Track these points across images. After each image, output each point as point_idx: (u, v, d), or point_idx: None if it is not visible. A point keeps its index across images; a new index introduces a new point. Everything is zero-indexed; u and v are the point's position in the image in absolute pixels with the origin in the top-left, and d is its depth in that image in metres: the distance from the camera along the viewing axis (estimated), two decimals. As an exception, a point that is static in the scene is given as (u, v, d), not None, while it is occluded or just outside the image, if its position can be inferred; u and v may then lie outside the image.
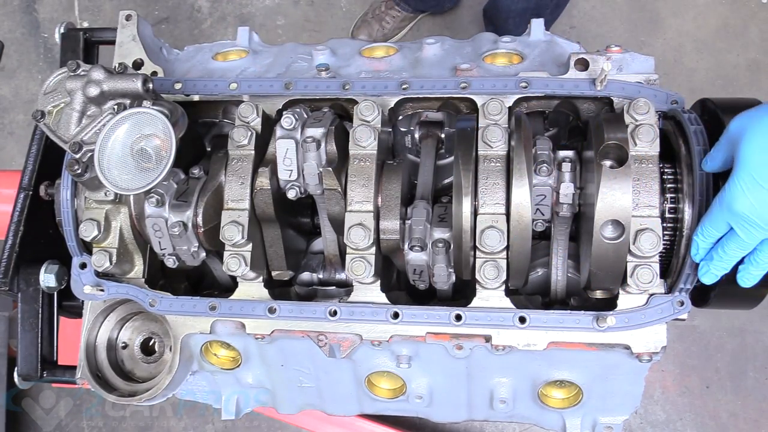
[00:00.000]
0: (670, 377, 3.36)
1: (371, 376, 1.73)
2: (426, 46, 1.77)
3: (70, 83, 1.51)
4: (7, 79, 4.04)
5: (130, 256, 1.68)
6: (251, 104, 1.63)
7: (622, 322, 1.47)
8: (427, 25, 3.91)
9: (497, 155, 1.51)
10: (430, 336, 1.53)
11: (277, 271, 1.69)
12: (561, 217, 1.54)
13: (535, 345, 1.50)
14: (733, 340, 3.37)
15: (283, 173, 1.57)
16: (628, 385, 1.61)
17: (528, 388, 1.68)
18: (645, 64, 1.61)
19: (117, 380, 1.74)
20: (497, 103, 1.56)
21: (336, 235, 1.73)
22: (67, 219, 1.68)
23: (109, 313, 1.75)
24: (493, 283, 1.48)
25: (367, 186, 1.53)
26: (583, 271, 1.57)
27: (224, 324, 1.61)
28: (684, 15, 3.79)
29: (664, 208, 1.48)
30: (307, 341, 1.59)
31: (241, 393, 1.83)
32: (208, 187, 1.61)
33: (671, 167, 1.51)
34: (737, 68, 3.69)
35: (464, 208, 1.47)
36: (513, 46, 1.75)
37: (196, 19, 4.05)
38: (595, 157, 1.41)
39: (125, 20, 1.80)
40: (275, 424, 3.39)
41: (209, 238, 1.60)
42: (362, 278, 1.53)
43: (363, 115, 1.58)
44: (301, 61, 1.81)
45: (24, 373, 1.78)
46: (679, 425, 3.32)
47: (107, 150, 1.45)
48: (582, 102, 1.64)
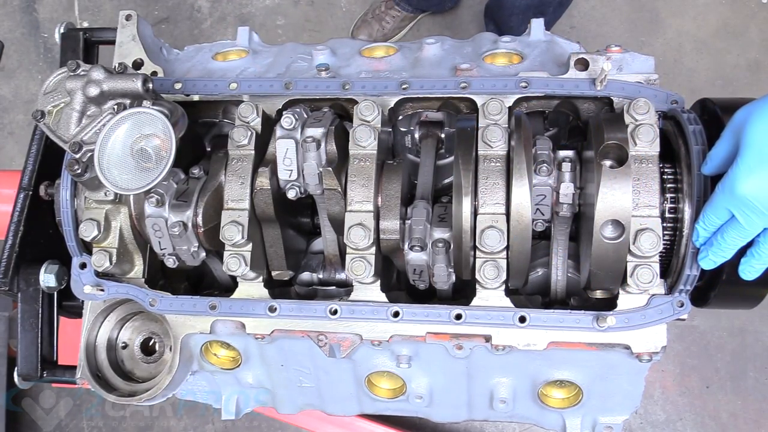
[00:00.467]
0: (670, 377, 3.36)
1: (371, 376, 1.73)
2: (426, 46, 1.77)
3: (70, 83, 1.51)
4: (7, 79, 4.04)
5: (130, 256, 1.68)
6: (251, 104, 1.63)
7: (622, 322, 1.47)
8: (427, 25, 3.91)
9: (497, 155, 1.51)
10: (430, 336, 1.53)
11: (277, 271, 1.69)
12: (561, 217, 1.54)
13: (535, 345, 1.50)
14: (733, 340, 3.37)
15: (283, 173, 1.57)
16: (628, 385, 1.61)
17: (528, 388, 1.68)
18: (645, 64, 1.61)
19: (117, 380, 1.74)
20: (497, 103, 1.56)
21: (336, 235, 1.73)
22: (67, 219, 1.68)
23: (109, 313, 1.75)
24: (493, 283, 1.48)
25: (367, 186, 1.53)
26: (583, 271, 1.57)
27: (224, 324, 1.61)
28: (684, 15, 3.79)
29: (664, 208, 1.48)
30: (307, 341, 1.59)
31: (241, 393, 1.83)
32: (208, 187, 1.61)
33: (671, 167, 1.51)
34: (737, 68, 3.69)
35: (464, 208, 1.48)
36: (513, 46, 1.75)
37: (196, 19, 4.06)
38: (595, 157, 1.41)
39: (125, 20, 1.80)
40: (275, 424, 3.39)
41: (209, 238, 1.60)
42: (362, 278, 1.53)
43: (363, 115, 1.58)
44: (301, 61, 1.81)
45: (24, 373, 1.78)
46: (679, 425, 3.32)
47: (107, 150, 1.45)
48: (582, 102, 1.64)
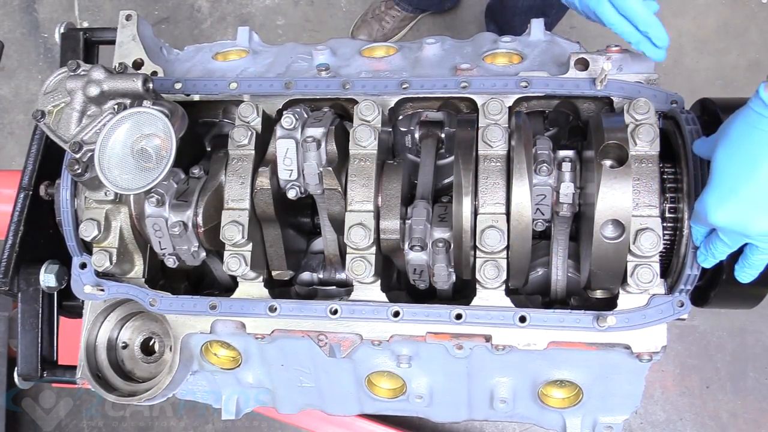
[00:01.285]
0: (670, 377, 3.36)
1: (371, 376, 1.73)
2: (426, 46, 1.77)
3: (70, 83, 1.51)
4: (7, 79, 4.04)
5: (130, 256, 1.68)
6: (251, 104, 1.63)
7: (623, 321, 1.47)
8: (427, 25, 3.91)
9: (497, 155, 1.51)
10: (431, 336, 1.53)
11: (278, 270, 1.69)
12: (561, 217, 1.54)
13: (535, 344, 1.50)
14: (733, 340, 3.36)
15: (283, 173, 1.57)
16: (628, 384, 1.61)
17: (528, 388, 1.68)
18: (645, 64, 1.61)
19: (117, 380, 1.74)
20: (497, 102, 1.56)
21: (336, 235, 1.73)
22: (67, 219, 1.68)
23: (109, 313, 1.75)
24: (493, 283, 1.48)
25: (367, 186, 1.53)
26: (583, 271, 1.57)
27: (224, 323, 1.61)
28: (684, 15, 3.79)
29: (664, 208, 1.48)
30: (307, 341, 1.59)
31: (241, 393, 1.83)
32: (208, 186, 1.61)
33: (671, 167, 1.51)
34: (737, 68, 3.68)
35: (464, 208, 1.48)
36: (513, 45, 1.75)
37: (196, 19, 4.05)
38: (595, 156, 1.41)
39: (125, 20, 1.80)
40: (275, 424, 3.39)
41: (209, 238, 1.60)
42: (362, 278, 1.53)
43: (363, 115, 1.58)
44: (301, 61, 1.81)
45: (24, 373, 1.78)
46: (679, 425, 3.32)
47: (107, 150, 1.45)
48: (582, 102, 1.64)
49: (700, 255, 1.42)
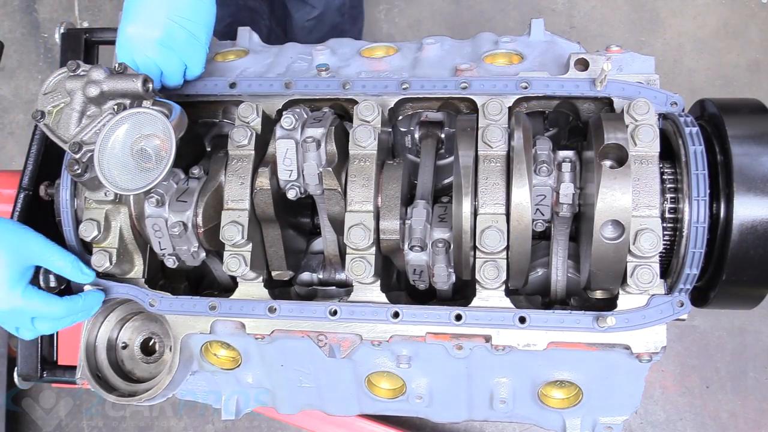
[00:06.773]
0: (670, 377, 3.36)
1: (371, 376, 1.73)
2: (426, 46, 1.77)
3: (70, 83, 1.51)
4: (7, 79, 4.04)
5: (130, 256, 1.68)
6: (251, 104, 1.63)
7: (623, 322, 1.46)
8: (427, 26, 3.91)
9: (497, 155, 1.51)
10: (430, 336, 1.53)
11: (277, 271, 1.69)
12: (561, 217, 1.54)
13: (535, 345, 1.50)
14: (733, 340, 3.37)
15: (283, 173, 1.57)
16: (628, 385, 1.61)
17: (528, 388, 1.67)
18: (645, 64, 1.61)
19: (117, 380, 1.74)
20: (497, 103, 1.56)
21: (336, 235, 1.73)
22: (67, 219, 1.68)
23: (109, 313, 1.75)
24: (493, 283, 1.48)
25: (367, 186, 1.53)
26: (583, 271, 1.57)
27: (224, 324, 1.61)
28: (684, 15, 3.79)
29: (664, 208, 1.48)
30: (307, 341, 1.59)
31: (241, 393, 1.83)
32: (208, 187, 1.61)
33: (671, 167, 1.51)
34: (737, 68, 3.69)
35: (464, 208, 1.47)
36: (513, 46, 1.75)
37: (196, 19, 4.05)
38: (595, 157, 1.41)
39: (125, 20, 1.80)
40: (275, 424, 3.39)
41: (209, 238, 1.60)
42: (362, 278, 1.53)
43: (363, 115, 1.58)
44: (301, 61, 1.81)
45: (24, 373, 1.78)
46: (679, 425, 3.32)
47: (107, 150, 1.45)
48: (582, 102, 1.64)
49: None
